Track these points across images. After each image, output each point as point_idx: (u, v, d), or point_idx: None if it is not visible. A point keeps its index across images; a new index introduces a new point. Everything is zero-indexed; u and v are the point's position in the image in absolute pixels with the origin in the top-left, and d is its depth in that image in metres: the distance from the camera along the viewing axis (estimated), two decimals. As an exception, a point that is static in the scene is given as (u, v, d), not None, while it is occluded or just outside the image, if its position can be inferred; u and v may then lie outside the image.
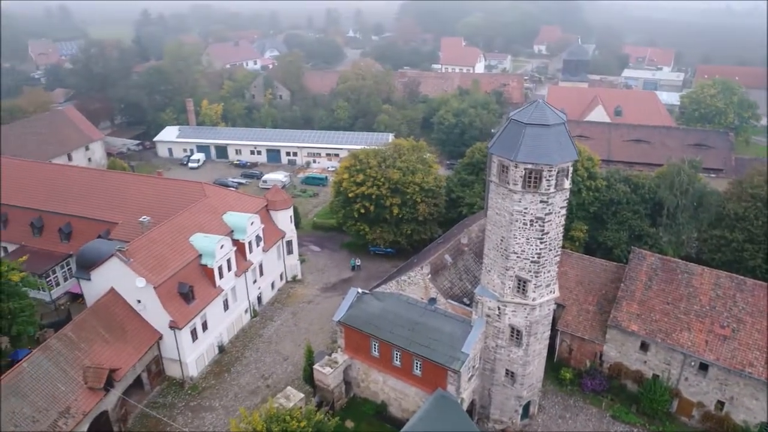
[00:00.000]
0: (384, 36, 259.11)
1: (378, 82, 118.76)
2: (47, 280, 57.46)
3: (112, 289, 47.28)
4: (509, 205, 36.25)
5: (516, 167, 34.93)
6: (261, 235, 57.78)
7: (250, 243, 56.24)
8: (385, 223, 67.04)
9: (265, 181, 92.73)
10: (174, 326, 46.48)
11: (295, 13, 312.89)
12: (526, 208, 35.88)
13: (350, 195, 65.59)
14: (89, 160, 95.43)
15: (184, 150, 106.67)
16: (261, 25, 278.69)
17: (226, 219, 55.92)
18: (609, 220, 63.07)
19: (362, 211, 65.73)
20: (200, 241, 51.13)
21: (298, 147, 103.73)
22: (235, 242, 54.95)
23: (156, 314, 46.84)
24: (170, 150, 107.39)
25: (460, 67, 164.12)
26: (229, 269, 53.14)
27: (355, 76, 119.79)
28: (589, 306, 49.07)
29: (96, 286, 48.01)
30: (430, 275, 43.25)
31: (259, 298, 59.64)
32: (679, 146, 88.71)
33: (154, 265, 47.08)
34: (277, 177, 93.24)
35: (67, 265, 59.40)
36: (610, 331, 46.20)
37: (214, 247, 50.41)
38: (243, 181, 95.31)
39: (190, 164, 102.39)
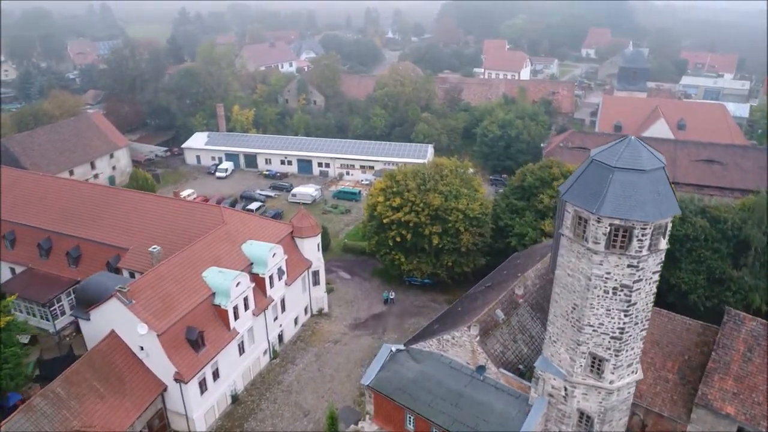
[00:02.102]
0: (423, 37, 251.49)
1: (417, 89, 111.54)
2: (51, 309, 52.51)
3: (112, 332, 41.63)
4: (586, 267, 28.69)
5: (598, 222, 27.36)
6: (284, 267, 51.39)
7: (271, 277, 49.96)
8: (423, 253, 59.82)
9: (294, 195, 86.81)
10: (179, 379, 40.46)
11: (333, 13, 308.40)
12: (608, 273, 28.28)
13: (385, 221, 58.69)
14: (113, 168, 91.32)
15: (213, 158, 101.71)
16: (299, 25, 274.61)
17: (245, 249, 49.76)
18: (683, 259, 54.23)
19: (398, 239, 58.73)
20: (214, 277, 45.02)
21: (331, 158, 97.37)
22: (254, 276, 48.75)
23: (160, 363, 40.94)
24: (198, 157, 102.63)
25: (504, 73, 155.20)
26: (246, 308, 46.91)
27: (394, 81, 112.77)
28: (669, 374, 40.77)
29: (96, 327, 42.52)
30: (478, 337, 35.97)
31: (280, 337, 53.33)
32: (757, 168, 78.74)
33: (159, 308, 41.17)
34: (307, 190, 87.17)
35: (74, 292, 54.23)
36: (698, 411, 37.87)
37: (228, 286, 44.23)
38: (271, 193, 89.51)
39: (217, 173, 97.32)
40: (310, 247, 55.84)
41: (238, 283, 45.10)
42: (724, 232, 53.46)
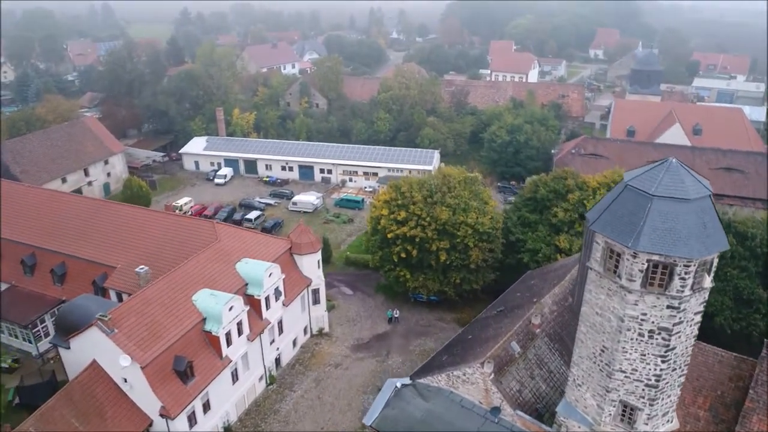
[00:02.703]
0: (428, 38, 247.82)
1: (423, 91, 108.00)
2: (34, 331, 49.35)
3: (94, 362, 38.43)
4: (619, 306, 25.27)
5: (634, 257, 23.93)
6: (281, 287, 48.08)
7: (267, 298, 46.65)
8: (429, 270, 56.40)
9: (294, 203, 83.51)
10: (165, 415, 37.21)
11: (337, 13, 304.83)
12: (644, 314, 24.86)
13: (389, 235, 55.30)
14: (108, 175, 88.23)
15: (212, 163, 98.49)
16: (302, 26, 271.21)
17: (240, 269, 46.48)
18: (708, 279, 50.69)
19: (403, 255, 55.32)
20: (205, 301, 41.75)
21: (333, 164, 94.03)
22: (249, 298, 45.49)
23: (145, 397, 37.71)
24: (197, 163, 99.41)
25: (511, 75, 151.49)
26: (240, 333, 43.65)
27: (398, 84, 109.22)
28: (699, 410, 37.15)
29: (76, 356, 39.32)
30: (492, 375, 32.59)
31: (278, 360, 50.04)
32: (779, 177, 75.06)
33: (144, 336, 37.94)
34: (308, 199, 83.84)
35: (59, 312, 51.14)
36: (734, 455, 34.40)
37: (220, 310, 40.96)
38: (271, 201, 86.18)
39: (216, 180, 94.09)
40: (310, 264, 52.52)
41: (231, 308, 41.82)
42: (752, 249, 49.99)
